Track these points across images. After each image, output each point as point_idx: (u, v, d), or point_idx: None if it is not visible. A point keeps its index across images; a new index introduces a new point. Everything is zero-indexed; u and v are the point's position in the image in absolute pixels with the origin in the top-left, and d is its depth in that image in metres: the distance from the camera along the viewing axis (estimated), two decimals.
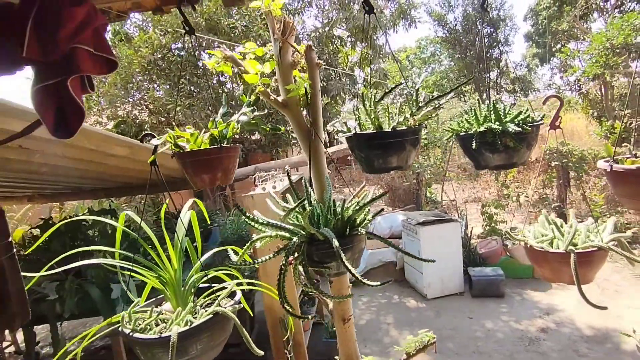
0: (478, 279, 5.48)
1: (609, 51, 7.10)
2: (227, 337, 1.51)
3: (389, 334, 4.78)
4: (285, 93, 1.65)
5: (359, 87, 8.86)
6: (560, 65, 14.11)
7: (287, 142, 8.69)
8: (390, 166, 1.41)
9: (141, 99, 7.63)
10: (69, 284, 3.11)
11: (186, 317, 1.35)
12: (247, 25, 7.28)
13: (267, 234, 1.43)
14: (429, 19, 15.87)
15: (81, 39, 0.90)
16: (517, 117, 1.37)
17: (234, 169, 1.53)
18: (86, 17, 0.90)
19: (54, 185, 4.34)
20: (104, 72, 1.00)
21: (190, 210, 1.72)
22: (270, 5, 1.67)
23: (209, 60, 1.70)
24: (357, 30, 8.31)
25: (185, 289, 1.54)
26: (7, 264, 1.08)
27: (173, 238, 1.63)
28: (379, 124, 1.35)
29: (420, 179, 8.39)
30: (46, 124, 0.95)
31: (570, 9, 11.62)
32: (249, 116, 1.52)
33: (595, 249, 1.36)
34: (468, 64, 14.93)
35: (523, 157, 1.48)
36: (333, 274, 1.42)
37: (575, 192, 7.88)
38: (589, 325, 4.49)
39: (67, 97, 0.92)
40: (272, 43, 1.71)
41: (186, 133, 1.45)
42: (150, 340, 1.29)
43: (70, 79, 0.90)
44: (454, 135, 1.53)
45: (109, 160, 3.23)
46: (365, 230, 1.36)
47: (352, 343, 1.75)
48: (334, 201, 1.45)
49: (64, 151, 2.76)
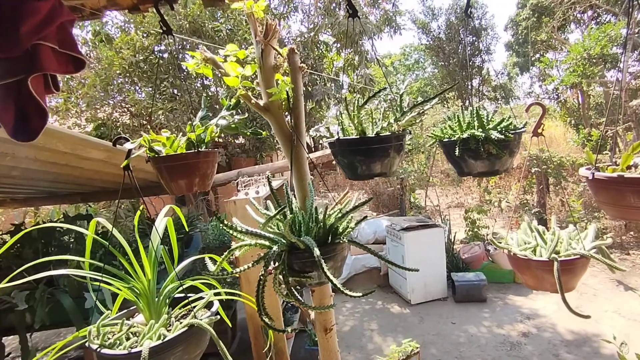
0: (461, 284, 5.51)
1: (586, 61, 7.32)
2: (203, 350, 1.45)
3: (373, 340, 4.75)
4: (267, 97, 1.61)
5: (344, 92, 8.89)
6: (539, 74, 14.50)
7: (272, 147, 8.62)
8: (374, 172, 1.38)
9: (122, 102, 7.45)
10: (39, 293, 2.97)
11: (159, 330, 1.28)
12: (231, 29, 7.22)
13: (246, 242, 1.38)
14: (413, 27, 16.11)
15: (44, 35, 0.84)
16: (500, 125, 1.36)
17: (213, 174, 1.48)
18: (50, 11, 0.84)
19: (26, 190, 4.18)
20: (71, 72, 0.94)
21: (167, 217, 1.65)
22: (252, 7, 1.64)
23: (188, 62, 1.65)
24: (342, 35, 8.33)
25: (159, 300, 1.47)
26: None
27: (149, 246, 1.56)
28: (362, 129, 1.32)
29: (404, 184, 8.44)
30: (4, 126, 0.88)
31: (549, 20, 11.97)
32: (228, 120, 1.47)
33: (578, 256, 1.36)
34: (451, 71, 15.19)
35: (505, 165, 1.48)
36: (314, 283, 1.37)
37: (555, 198, 8.06)
38: (568, 329, 4.56)
39: (28, 96, 0.86)
40: (254, 45, 1.67)
41: (162, 137, 1.39)
42: (118, 356, 1.21)
43: (31, 77, 0.84)
44: (437, 141, 1.51)
45: (85, 164, 3.12)
46: (347, 239, 1.32)
47: (334, 353, 1.70)
48: (316, 208, 1.41)
49: (36, 154, 2.65)
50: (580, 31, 12.27)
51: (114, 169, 3.45)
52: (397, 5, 9.00)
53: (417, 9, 27.61)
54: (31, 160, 2.77)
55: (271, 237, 1.31)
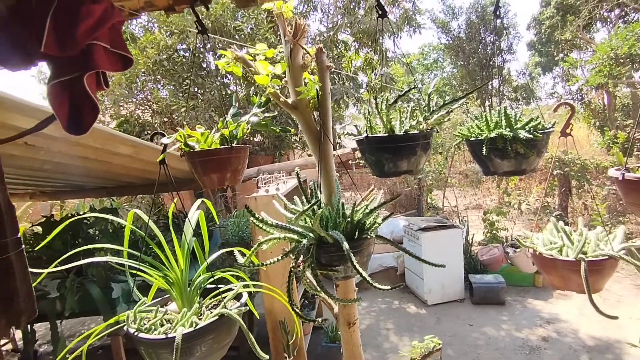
0: (479, 286, 5.46)
1: (613, 61, 7.12)
2: (232, 340, 1.50)
3: (389, 339, 4.75)
4: (295, 95, 1.65)
5: (362, 91, 8.88)
6: (562, 75, 14.15)
7: (290, 145, 8.69)
8: (401, 170, 1.40)
9: (144, 99, 7.65)
10: (70, 282, 3.09)
11: (192, 318, 1.34)
12: (252, 28, 7.31)
13: (274, 235, 1.43)
14: (433, 26, 15.93)
15: (99, 36, 0.90)
16: (529, 124, 1.36)
17: (244, 169, 1.53)
18: (104, 13, 0.89)
19: (56, 183, 4.34)
20: (119, 69, 1.00)
21: (199, 210, 1.71)
22: (282, 7, 1.68)
23: (219, 61, 1.70)
24: (361, 34, 8.33)
25: (191, 289, 1.53)
26: (15, 259, 1.07)
27: (180, 238, 1.62)
28: (391, 127, 1.35)
29: (421, 184, 8.39)
30: (60, 120, 0.95)
31: (574, 18, 11.66)
32: (259, 117, 1.52)
33: (606, 257, 1.35)
34: (471, 71, 14.96)
35: (532, 164, 1.47)
36: (340, 277, 1.40)
37: (577, 201, 7.87)
38: (590, 335, 4.47)
39: (83, 93, 0.92)
40: (282, 45, 1.71)
41: (197, 132, 1.45)
42: (155, 340, 1.28)
43: (87, 75, 0.90)
44: (464, 140, 1.52)
45: (113, 159, 3.23)
46: (375, 234, 1.35)
47: (356, 347, 1.73)
48: (343, 204, 1.44)
49: (69, 149, 2.75)
50: (606, 30, 11.90)
51: (139, 164, 3.55)
52: (417, 4, 8.93)
53: (437, 8, 27.32)
54: (63, 155, 2.88)
55: (300, 231, 1.35)
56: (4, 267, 1.05)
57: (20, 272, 1.08)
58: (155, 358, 1.33)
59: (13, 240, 1.07)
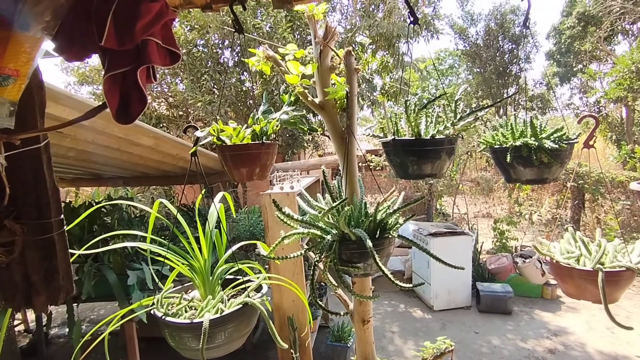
0: (486, 294, 5.44)
1: (634, 74, 7.04)
2: (250, 330, 1.55)
3: (394, 342, 4.77)
4: (322, 95, 1.70)
5: (376, 94, 8.89)
6: (580, 86, 13.98)
7: (302, 145, 8.74)
8: (424, 173, 1.44)
9: (161, 92, 7.76)
10: (87, 267, 3.18)
11: (218, 305, 1.39)
12: (271, 27, 7.38)
13: (297, 231, 1.47)
14: (451, 31, 15.87)
15: (153, 32, 0.95)
16: (554, 134, 1.39)
17: (272, 165, 1.58)
18: (159, 11, 0.95)
19: (76, 170, 4.44)
20: (168, 64, 1.06)
21: (220, 203, 1.77)
22: (313, 9, 1.73)
23: (250, 59, 1.75)
24: (379, 37, 8.35)
25: (213, 279, 1.59)
26: (58, 238, 1.13)
27: (193, 230, 1.67)
28: (418, 131, 1.38)
29: (432, 190, 8.38)
30: (110, 109, 1.00)
31: (595, 30, 11.53)
32: (289, 115, 1.57)
33: (624, 269, 1.37)
34: (487, 79, 14.88)
35: (555, 174, 1.50)
36: (360, 274, 1.44)
37: (590, 215, 7.79)
38: (598, 350, 4.44)
39: (135, 85, 0.97)
40: (312, 46, 1.76)
41: (229, 127, 1.50)
42: (182, 325, 1.33)
43: (140, 68, 0.95)
44: (488, 147, 1.55)
45: (134, 150, 3.30)
46: (396, 234, 1.39)
47: (369, 345, 1.77)
48: (365, 203, 1.48)
49: (94, 137, 2.83)
50: (628, 43, 11.75)
51: (157, 156, 3.63)
52: (437, 9, 8.92)
53: (455, 14, 27.14)
54: (88, 143, 2.96)
55: (324, 227, 1.39)
56: (48, 245, 1.11)
57: (61, 251, 1.14)
58: (179, 341, 1.39)
59: (57, 221, 1.13)
